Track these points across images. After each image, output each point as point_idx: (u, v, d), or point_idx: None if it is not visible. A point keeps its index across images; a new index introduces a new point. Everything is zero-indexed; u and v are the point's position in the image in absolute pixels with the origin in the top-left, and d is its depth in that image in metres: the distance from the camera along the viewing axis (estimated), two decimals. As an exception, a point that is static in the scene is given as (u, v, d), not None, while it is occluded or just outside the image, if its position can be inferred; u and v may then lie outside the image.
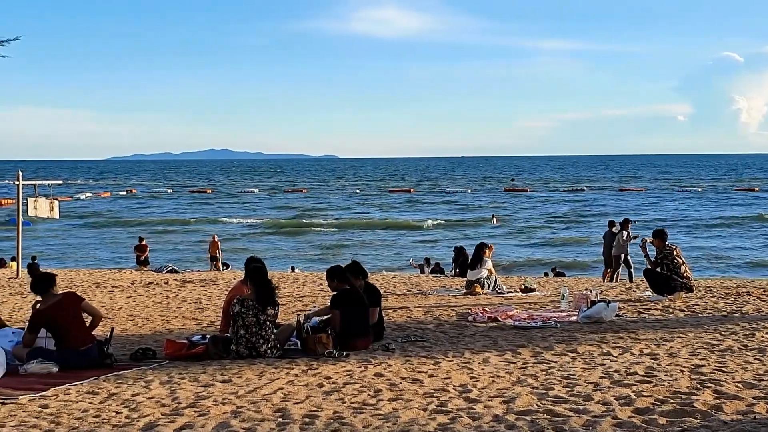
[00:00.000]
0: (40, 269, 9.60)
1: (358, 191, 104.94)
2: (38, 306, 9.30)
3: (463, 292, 17.39)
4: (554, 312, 13.41)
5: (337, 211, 73.39)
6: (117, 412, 6.98)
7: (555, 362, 9.04)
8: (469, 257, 20.22)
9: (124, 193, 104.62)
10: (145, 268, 30.37)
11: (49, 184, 25.80)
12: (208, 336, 10.09)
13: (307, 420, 6.58)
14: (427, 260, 32.34)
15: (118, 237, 53.12)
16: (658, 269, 14.89)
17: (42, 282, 9.21)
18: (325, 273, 11.24)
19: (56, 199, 24.32)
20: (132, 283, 19.70)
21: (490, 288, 17.34)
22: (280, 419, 6.64)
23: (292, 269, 30.18)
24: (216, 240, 33.98)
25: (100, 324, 12.05)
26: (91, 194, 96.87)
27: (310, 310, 12.23)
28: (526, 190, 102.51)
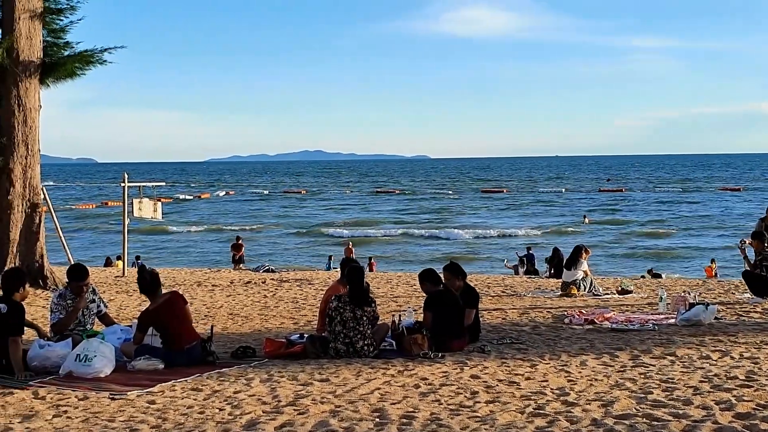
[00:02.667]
0: (147, 269, 9.87)
1: (450, 193, 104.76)
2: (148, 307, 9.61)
3: (558, 293, 17.24)
4: (652, 314, 13.21)
5: (434, 214, 73.32)
6: (220, 409, 7.19)
7: (653, 365, 8.92)
8: (564, 258, 20.03)
9: (223, 193, 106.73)
10: (241, 267, 31.00)
11: (152, 186, 26.48)
12: (305, 335, 10.27)
13: (404, 421, 6.66)
14: (522, 261, 32.17)
15: (216, 236, 54.28)
16: (757, 271, 14.53)
17: (150, 283, 9.51)
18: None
19: (159, 200, 25.00)
20: (231, 282, 20.11)
21: (586, 290, 17.14)
22: (377, 419, 6.73)
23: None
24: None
25: (202, 322, 12.42)
26: (191, 195, 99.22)
27: (405, 310, 12.32)
28: (621, 190, 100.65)
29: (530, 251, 33.26)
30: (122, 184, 22.74)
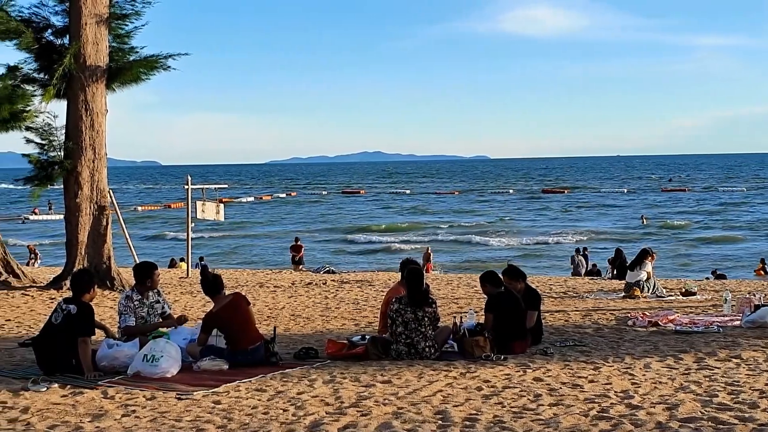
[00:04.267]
0: (210, 271, 10.04)
1: (511, 191, 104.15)
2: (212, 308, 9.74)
3: (621, 295, 17.05)
4: (716, 316, 13.01)
5: (493, 216, 72.96)
6: (284, 410, 7.27)
7: (718, 368, 8.80)
8: (628, 260, 19.81)
9: (284, 195, 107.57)
10: (301, 268, 31.22)
11: (215, 188, 26.89)
12: (367, 336, 10.32)
13: (467, 423, 6.66)
14: (577, 250, 31.98)
15: (278, 237, 54.73)
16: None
17: (213, 285, 9.65)
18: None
19: (222, 202, 25.34)
20: (292, 284, 20.29)
21: (650, 291, 16.93)
22: (440, 421, 6.74)
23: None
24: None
25: (265, 323, 12.55)
26: (253, 197, 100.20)
27: (466, 312, 12.30)
28: (684, 190, 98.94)
29: (584, 252, 33.01)
30: (186, 187, 23.09)
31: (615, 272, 24.63)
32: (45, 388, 8.13)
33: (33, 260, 34.53)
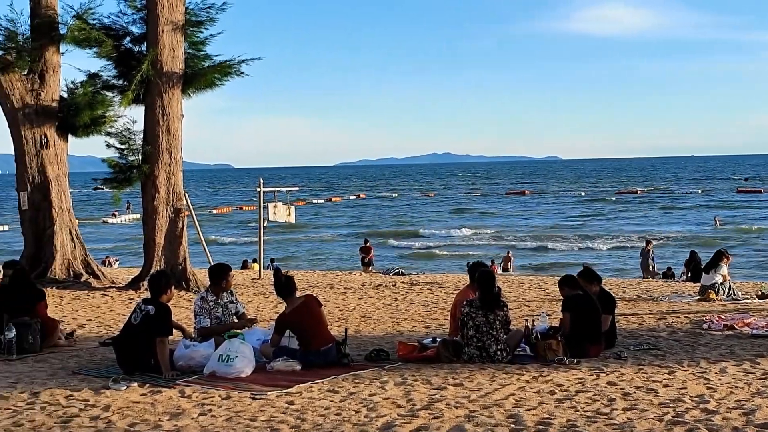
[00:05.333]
0: (282, 273, 10.14)
1: (582, 193, 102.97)
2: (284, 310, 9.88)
3: (696, 298, 16.77)
4: (795, 320, 12.71)
5: (572, 218, 72.22)
6: (356, 411, 7.34)
7: (797, 373, 8.62)
8: (703, 262, 19.47)
9: (354, 197, 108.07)
10: (371, 270, 31.37)
11: (286, 190, 27.22)
12: (438, 339, 10.34)
13: (540, 427, 6.65)
14: (648, 241, 31.60)
15: (347, 238, 55.04)
16: None
17: (285, 286, 9.78)
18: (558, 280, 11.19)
19: (293, 204, 25.61)
20: (362, 285, 20.41)
21: (725, 294, 16.62)
22: (513, 425, 6.74)
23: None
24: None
25: (336, 324, 12.66)
26: (323, 199, 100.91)
27: (538, 315, 12.24)
28: (760, 191, 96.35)
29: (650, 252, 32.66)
30: (258, 189, 23.42)
31: (689, 275, 24.23)
32: (125, 387, 8.36)
33: (108, 260, 35.34)
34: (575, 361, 9.44)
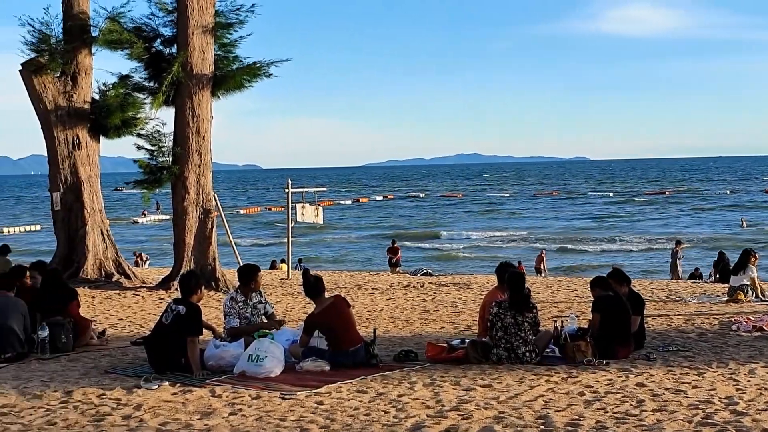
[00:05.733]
0: (311, 273, 10.19)
1: (611, 194, 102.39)
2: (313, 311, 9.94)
3: (725, 299, 16.66)
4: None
5: (598, 220, 71.84)
6: (385, 412, 7.38)
7: (827, 375, 8.56)
8: (731, 263, 19.32)
9: (381, 198, 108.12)
10: (398, 271, 31.40)
11: (314, 191, 27.30)
12: (467, 340, 10.36)
13: (569, 428, 6.66)
14: (678, 242, 31.47)
15: (374, 239, 55.09)
16: None
17: (314, 287, 9.83)
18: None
19: (320, 205, 25.71)
20: (390, 286, 20.43)
21: (754, 295, 16.49)
22: (542, 426, 6.75)
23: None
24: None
25: (364, 325, 12.70)
26: (350, 200, 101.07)
27: (567, 316, 12.21)
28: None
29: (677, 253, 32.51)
30: (286, 190, 23.52)
31: (718, 276, 24.05)
32: (156, 386, 8.45)
33: (139, 259, 35.63)
34: (604, 362, 9.43)
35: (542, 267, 34.49)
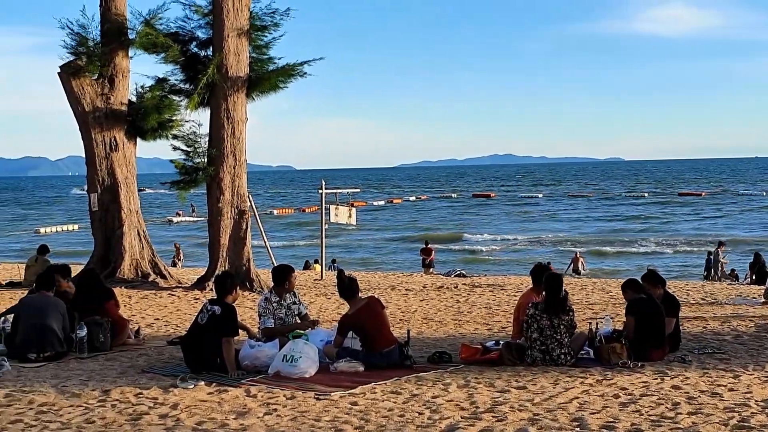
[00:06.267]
0: (346, 274, 10.23)
1: (646, 195, 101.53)
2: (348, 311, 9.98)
3: (761, 301, 16.48)
4: None
5: (632, 221, 71.31)
6: (419, 413, 7.39)
7: None
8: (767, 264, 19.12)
9: (414, 199, 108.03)
10: (431, 272, 31.37)
11: (347, 192, 27.43)
12: (501, 342, 10.35)
13: (604, 431, 6.64)
14: (720, 243, 31.14)
15: (408, 240, 55.07)
16: None
17: (348, 288, 9.87)
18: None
19: (353, 206, 25.79)
20: (423, 287, 20.42)
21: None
22: (577, 428, 6.74)
23: None
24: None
25: (398, 326, 12.72)
26: (383, 201, 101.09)
27: (602, 318, 12.16)
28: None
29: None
30: (320, 191, 23.61)
31: (754, 277, 23.80)
32: (192, 386, 8.54)
33: (177, 258, 35.89)
34: (639, 364, 9.38)
35: (580, 268, 34.41)
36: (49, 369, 9.65)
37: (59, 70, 18.85)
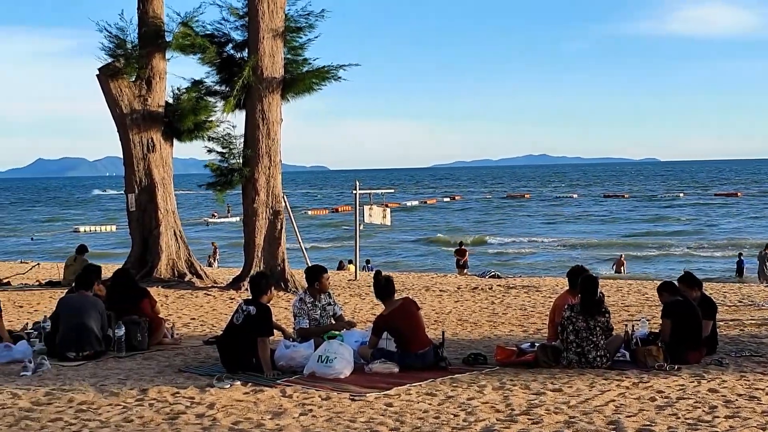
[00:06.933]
0: (383, 275, 10.23)
1: (681, 195, 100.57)
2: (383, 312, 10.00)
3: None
4: None
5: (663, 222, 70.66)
6: (455, 415, 7.40)
7: None
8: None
9: (448, 199, 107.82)
10: (465, 273, 31.30)
11: (381, 193, 27.45)
12: (536, 344, 10.32)
13: (641, 434, 6.61)
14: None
15: (441, 241, 54.99)
16: None
17: (385, 288, 9.88)
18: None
19: (388, 206, 25.79)
20: (458, 288, 20.38)
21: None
22: (613, 432, 6.72)
23: None
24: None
25: (432, 327, 12.72)
26: (417, 201, 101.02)
27: (638, 320, 12.08)
28: None
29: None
30: (354, 192, 23.65)
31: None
32: (228, 386, 8.61)
33: (212, 258, 36.14)
34: (676, 367, 9.31)
35: (623, 271, 34.36)
36: (88, 368, 9.78)
37: (98, 73, 19.09)
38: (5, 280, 20.88)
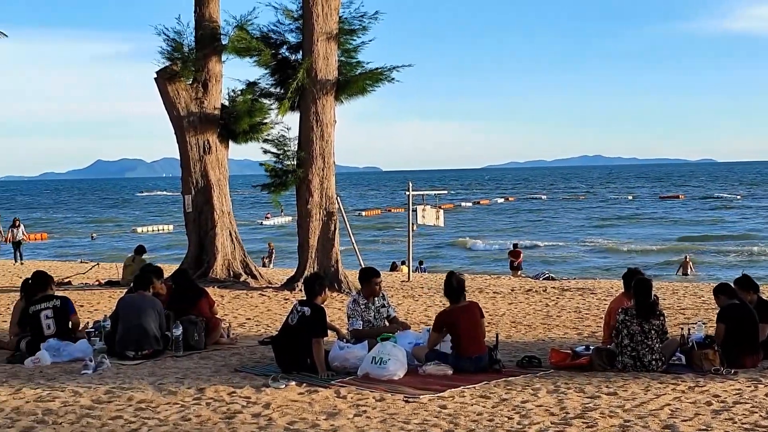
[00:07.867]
0: (456, 275, 10.17)
1: (739, 197, 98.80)
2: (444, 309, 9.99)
3: None
4: None
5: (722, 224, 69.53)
6: (509, 418, 7.40)
7: None
8: None
9: (502, 200, 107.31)
10: (519, 274, 31.14)
11: (435, 194, 27.41)
12: (591, 347, 10.25)
13: (696, 439, 6.55)
14: None
15: (494, 242, 54.75)
16: None
17: (456, 289, 9.79)
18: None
19: (441, 208, 25.79)
20: (511, 290, 20.30)
21: None
22: (669, 436, 6.66)
23: None
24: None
25: (486, 329, 12.69)
26: (471, 202, 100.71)
27: (694, 324, 11.93)
28: None
29: None
30: (407, 193, 23.71)
31: None
32: (284, 386, 8.70)
33: (268, 258, 36.47)
34: (732, 371, 9.19)
35: (689, 272, 34.08)
36: (147, 367, 9.96)
37: (155, 76, 19.41)
38: (66, 280, 21.34)
